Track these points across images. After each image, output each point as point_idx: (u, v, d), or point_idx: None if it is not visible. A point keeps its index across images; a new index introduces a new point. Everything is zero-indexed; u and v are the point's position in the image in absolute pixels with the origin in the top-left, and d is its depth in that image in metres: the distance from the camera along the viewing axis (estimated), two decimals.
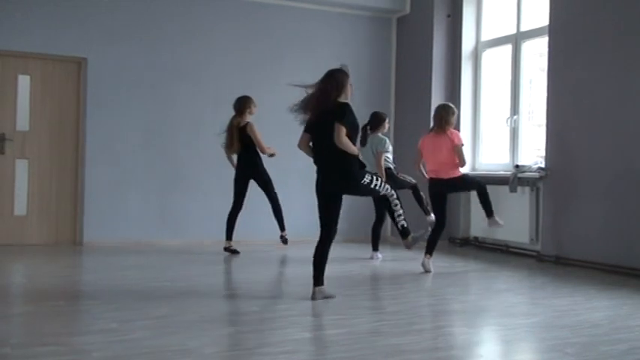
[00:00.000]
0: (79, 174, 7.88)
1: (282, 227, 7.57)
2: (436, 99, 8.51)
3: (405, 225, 5.52)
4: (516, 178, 7.38)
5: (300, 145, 5.09)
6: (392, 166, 7.26)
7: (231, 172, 8.13)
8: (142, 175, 8.02)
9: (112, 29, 7.91)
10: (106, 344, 3.64)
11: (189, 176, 8.23)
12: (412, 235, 5.57)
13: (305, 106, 4.97)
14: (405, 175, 7.32)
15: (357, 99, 8.96)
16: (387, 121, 7.40)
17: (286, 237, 7.63)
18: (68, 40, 7.75)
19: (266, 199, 7.49)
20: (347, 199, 5.04)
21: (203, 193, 8.27)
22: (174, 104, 8.19)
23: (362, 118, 8.91)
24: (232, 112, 7.45)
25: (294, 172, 8.36)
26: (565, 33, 7.06)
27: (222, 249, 7.41)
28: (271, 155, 7.42)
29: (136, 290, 5.23)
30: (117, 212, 7.90)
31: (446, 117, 6.44)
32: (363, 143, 7.04)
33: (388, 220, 7.74)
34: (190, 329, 4.00)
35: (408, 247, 5.66)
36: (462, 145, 6.41)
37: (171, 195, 8.14)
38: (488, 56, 8.56)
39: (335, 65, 5.10)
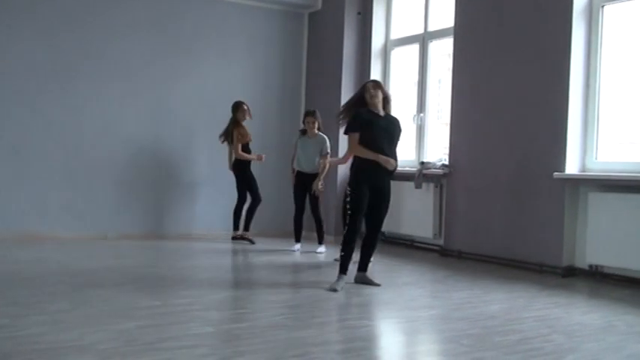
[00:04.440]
0: None
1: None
2: (346, 94, 8.57)
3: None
4: (422, 175, 7.55)
5: None
6: None
7: (134, 165, 8.05)
8: (43, 165, 7.67)
9: (9, 11, 7.48)
10: None
11: (93, 167, 7.95)
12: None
13: None
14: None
15: (268, 93, 9.02)
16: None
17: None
18: None
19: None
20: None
21: (107, 186, 8.02)
22: (76, 93, 7.85)
23: (273, 112, 9.00)
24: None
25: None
26: (468, 34, 7.28)
27: (131, 242, 7.47)
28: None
29: (32, 284, 5.04)
30: (14, 203, 7.55)
31: None
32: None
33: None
34: (87, 324, 3.88)
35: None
36: None
37: (73, 186, 7.84)
38: (397, 54, 8.71)
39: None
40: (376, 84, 5.57)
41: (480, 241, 7.01)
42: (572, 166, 6.27)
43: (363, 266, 5.57)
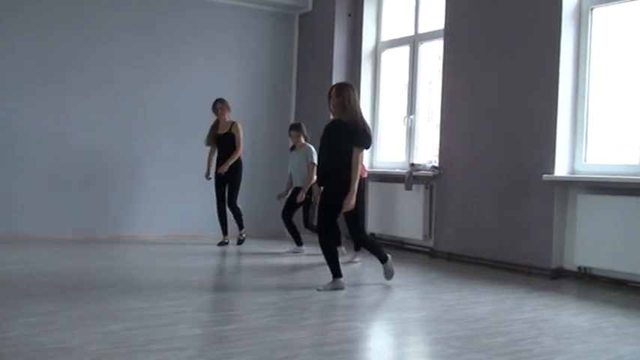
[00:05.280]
0: None
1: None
2: None
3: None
4: (412, 177, 7.56)
5: None
6: None
7: (123, 167, 7.98)
8: (28, 167, 7.63)
9: None
10: None
11: (81, 169, 7.92)
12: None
13: None
14: None
15: (258, 95, 9.01)
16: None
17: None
18: None
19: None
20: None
21: (95, 187, 7.99)
22: (61, 95, 7.78)
23: (263, 114, 8.99)
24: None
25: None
26: (459, 36, 7.29)
27: (119, 244, 7.44)
28: None
29: (19, 286, 5.01)
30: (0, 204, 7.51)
31: None
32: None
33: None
34: (75, 326, 3.86)
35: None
36: None
37: (60, 188, 7.79)
38: (387, 56, 8.72)
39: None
40: (334, 90, 5.45)
41: (470, 243, 7.02)
42: (561, 169, 6.29)
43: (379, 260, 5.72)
